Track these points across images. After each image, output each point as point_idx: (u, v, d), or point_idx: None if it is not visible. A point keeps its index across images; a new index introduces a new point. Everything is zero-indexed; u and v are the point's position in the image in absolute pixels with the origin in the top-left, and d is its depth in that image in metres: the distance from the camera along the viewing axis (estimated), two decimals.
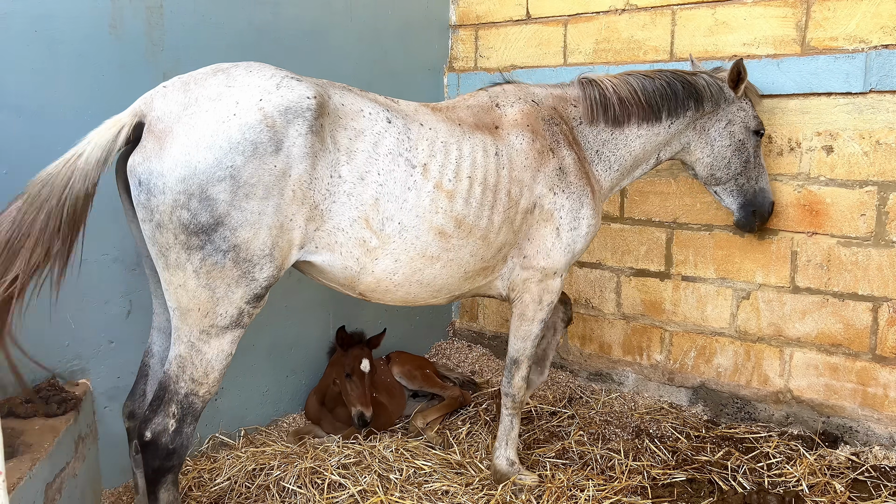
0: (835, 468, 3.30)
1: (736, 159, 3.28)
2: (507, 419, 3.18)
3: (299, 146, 2.25)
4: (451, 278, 2.74)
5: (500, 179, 2.75)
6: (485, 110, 2.90)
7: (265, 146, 2.18)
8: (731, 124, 3.26)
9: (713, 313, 3.89)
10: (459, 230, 2.65)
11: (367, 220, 2.43)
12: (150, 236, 2.17)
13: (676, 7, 3.79)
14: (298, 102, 2.26)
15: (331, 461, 3.29)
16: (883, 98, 3.27)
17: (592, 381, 4.38)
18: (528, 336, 3.08)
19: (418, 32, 4.51)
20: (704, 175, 3.36)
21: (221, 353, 2.28)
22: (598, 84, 3.07)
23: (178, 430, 2.24)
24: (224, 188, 2.13)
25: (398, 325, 4.50)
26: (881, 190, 3.34)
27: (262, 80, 2.26)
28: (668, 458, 3.42)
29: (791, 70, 3.46)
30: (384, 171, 2.45)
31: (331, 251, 2.43)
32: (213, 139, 2.12)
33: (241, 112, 2.16)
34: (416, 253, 2.58)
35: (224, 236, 2.15)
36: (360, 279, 2.55)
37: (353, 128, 2.41)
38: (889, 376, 3.41)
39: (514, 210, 2.80)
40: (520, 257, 2.93)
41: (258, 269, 2.25)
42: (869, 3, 3.26)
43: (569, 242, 2.94)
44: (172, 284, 2.20)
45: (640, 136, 3.14)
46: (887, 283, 3.37)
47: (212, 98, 2.17)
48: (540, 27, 4.31)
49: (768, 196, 3.43)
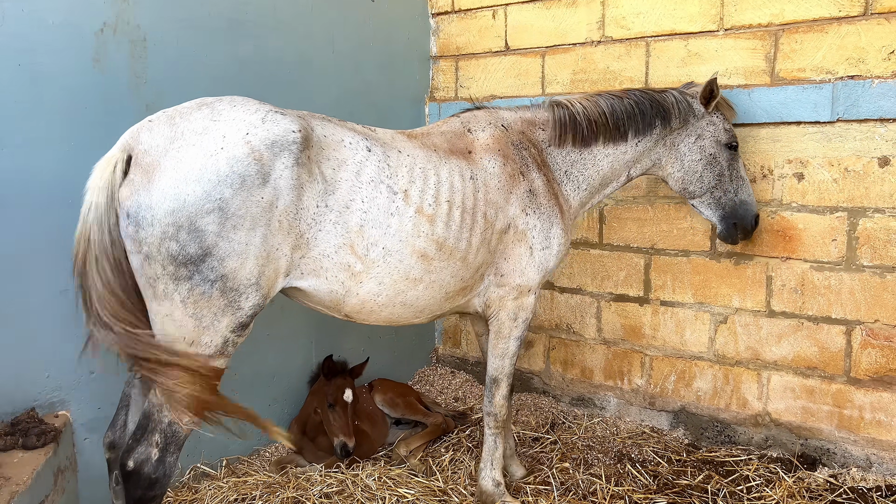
0: (813, 490, 3.34)
1: (708, 173, 3.33)
2: (491, 439, 3.20)
3: (286, 178, 2.30)
4: (433, 299, 2.81)
5: (476, 202, 2.84)
6: (458, 136, 3.00)
7: (253, 179, 2.22)
8: (701, 139, 3.31)
9: (692, 337, 3.94)
10: (440, 253, 2.72)
11: (352, 247, 2.49)
12: (138, 268, 2.19)
13: (650, 39, 3.90)
14: (284, 136, 2.31)
15: (313, 490, 3.28)
16: (850, 127, 3.37)
17: (575, 406, 4.40)
18: (505, 353, 3.13)
19: (400, 64, 4.59)
20: (678, 189, 3.41)
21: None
22: (566, 106, 3.17)
23: (160, 460, 2.24)
24: (213, 220, 2.17)
25: (381, 352, 4.51)
26: (851, 216, 3.43)
27: (247, 114, 2.30)
28: (650, 482, 3.44)
29: (762, 100, 3.56)
30: (367, 198, 2.51)
31: (316, 276, 2.48)
32: (202, 172, 2.16)
33: (229, 146, 2.20)
34: (399, 276, 2.63)
35: (212, 266, 2.19)
36: (346, 301, 2.60)
37: (336, 158, 2.47)
38: (864, 398, 3.46)
39: (490, 231, 2.88)
40: (496, 276, 3.00)
41: (244, 298, 2.28)
42: (834, 36, 3.38)
43: (541, 261, 3.03)
44: (159, 314, 2.22)
45: (607, 156, 3.23)
46: (859, 307, 3.44)
47: (198, 132, 2.21)
48: (519, 58, 4.40)
49: (751, 209, 3.41)
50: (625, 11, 3.96)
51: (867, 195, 3.38)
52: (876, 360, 3.42)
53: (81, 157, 2.40)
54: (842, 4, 3.34)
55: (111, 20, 3.05)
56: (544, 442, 3.96)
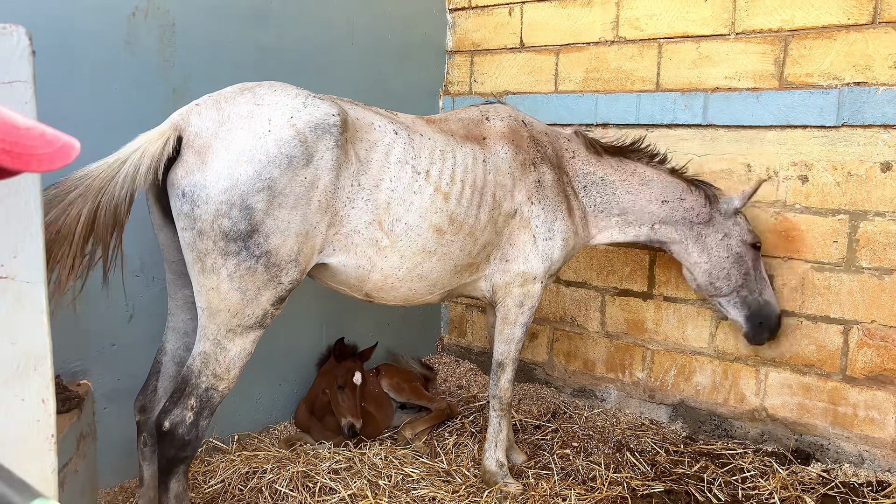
0: (806, 483, 3.45)
1: (735, 271, 3.44)
2: (496, 421, 3.32)
3: (327, 159, 2.43)
4: (444, 271, 2.95)
5: (486, 183, 3.00)
6: (475, 123, 3.18)
7: (298, 159, 2.36)
8: (728, 237, 3.44)
9: (693, 333, 4.05)
10: (452, 227, 2.88)
11: (380, 223, 2.64)
12: (190, 243, 2.32)
13: (663, 41, 3.99)
14: (325, 119, 2.44)
15: (322, 466, 3.39)
16: (854, 132, 3.47)
17: (576, 396, 4.51)
18: (511, 339, 3.26)
19: (416, 57, 4.69)
20: (704, 282, 3.49)
21: (243, 352, 2.45)
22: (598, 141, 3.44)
23: (194, 423, 2.38)
24: (262, 198, 2.31)
25: (388, 338, 4.62)
26: (852, 218, 3.53)
27: (289, 98, 2.43)
28: (648, 470, 3.55)
29: (770, 103, 3.66)
30: (395, 177, 2.67)
31: (346, 252, 2.62)
32: (253, 153, 2.30)
33: (275, 128, 2.34)
34: (417, 248, 2.79)
35: (258, 243, 2.32)
36: (370, 277, 2.75)
37: (368, 140, 2.61)
38: (858, 396, 3.57)
39: (497, 211, 3.04)
40: (502, 261, 3.14)
41: (284, 273, 2.41)
42: (842, 43, 3.47)
43: (544, 250, 3.16)
44: (206, 287, 2.35)
45: (628, 192, 3.38)
46: (857, 308, 3.54)
47: (244, 115, 2.34)
48: (533, 55, 4.50)
49: (775, 309, 3.50)
50: (638, 13, 4.06)
51: (869, 199, 3.47)
52: (871, 360, 3.52)
53: (111, 136, 2.50)
54: (850, 13, 3.43)
55: (143, 4, 3.15)
56: (545, 430, 4.06)
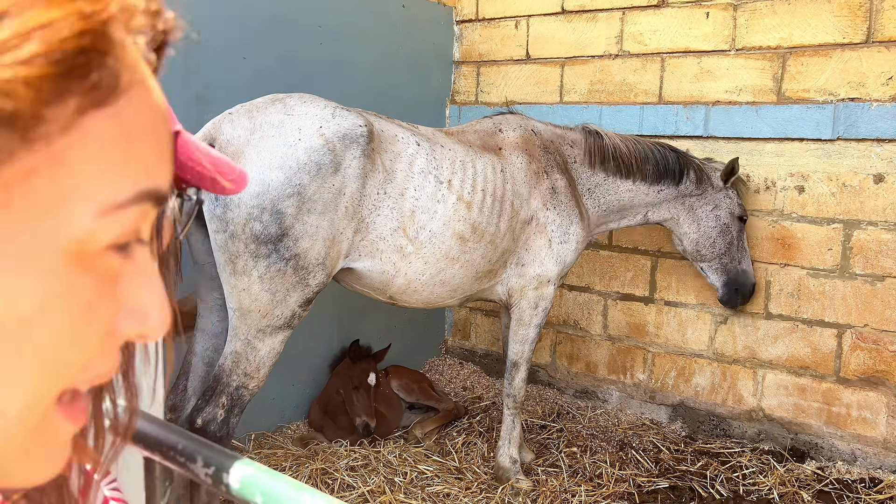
0: (802, 480, 3.61)
1: (720, 240, 3.66)
2: (509, 419, 3.45)
3: (354, 168, 2.54)
4: (466, 277, 3.08)
5: (505, 192, 3.13)
6: (489, 134, 3.31)
7: (327, 167, 2.47)
8: (718, 209, 3.65)
9: (693, 336, 4.20)
10: (475, 234, 3.01)
11: (404, 230, 2.75)
12: (222, 245, 2.42)
13: (665, 55, 4.16)
14: (353, 130, 2.55)
15: (340, 463, 3.50)
16: (849, 145, 3.65)
17: (578, 398, 4.65)
18: (525, 340, 3.39)
19: (424, 67, 4.82)
20: (691, 249, 3.72)
21: (272, 351, 2.54)
22: (600, 136, 3.47)
23: (225, 420, 2.47)
24: (291, 203, 2.41)
25: (395, 341, 4.72)
26: (846, 227, 3.70)
27: (318, 108, 2.55)
28: (652, 467, 3.70)
29: (768, 117, 3.83)
30: (418, 186, 2.79)
31: (372, 258, 2.74)
32: (284, 160, 2.40)
33: (306, 137, 2.45)
34: (441, 255, 2.91)
35: (288, 246, 2.43)
36: (394, 282, 2.86)
37: (392, 150, 2.73)
38: (851, 397, 3.74)
39: (515, 219, 3.17)
40: (518, 265, 3.28)
41: (312, 276, 2.52)
42: (837, 61, 3.65)
43: (559, 253, 3.30)
44: (237, 288, 2.45)
45: (629, 191, 3.55)
46: (851, 312, 3.71)
47: (275, 125, 2.45)
48: (538, 67, 4.65)
49: (750, 277, 3.76)
50: (642, 28, 4.22)
51: (862, 209, 3.65)
52: (864, 362, 3.69)
53: None
54: (845, 32, 3.62)
55: None
56: (550, 430, 4.20)
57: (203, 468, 0.68)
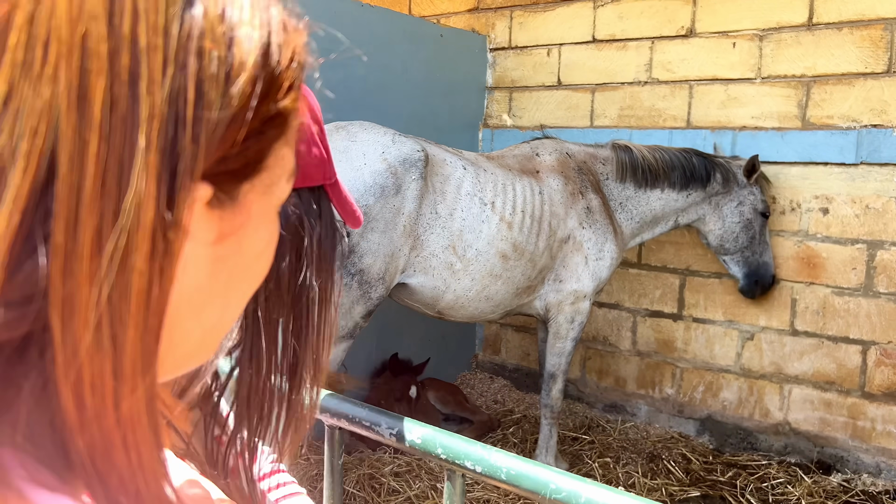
0: (829, 492, 3.74)
1: (744, 235, 3.84)
2: (546, 428, 3.62)
3: (413, 189, 2.75)
4: (507, 293, 3.28)
5: (543, 213, 3.33)
6: (527, 158, 3.51)
7: (389, 189, 2.67)
8: (742, 205, 3.83)
9: (720, 352, 4.36)
10: (516, 253, 3.20)
11: (454, 248, 2.96)
12: None
13: (693, 82, 4.36)
14: (412, 154, 2.76)
15: (385, 469, 3.67)
16: (872, 169, 3.82)
17: (608, 412, 4.80)
18: (562, 353, 3.57)
19: (459, 92, 5.05)
20: (715, 244, 3.91)
21: (335, 360, 2.73)
22: (629, 150, 3.64)
23: None
24: None
25: (429, 355, 4.90)
26: (870, 248, 3.86)
27: (378, 135, 2.76)
28: (683, 477, 3.84)
29: (793, 142, 4.01)
30: (465, 207, 2.99)
31: (425, 273, 2.94)
32: (352, 183, 2.61)
33: (370, 162, 2.66)
34: (486, 272, 3.11)
35: (354, 262, 2.63)
36: (443, 297, 3.06)
37: (443, 174, 2.94)
38: (876, 411, 3.87)
39: (553, 238, 3.36)
40: (556, 281, 3.46)
41: (374, 289, 2.72)
42: (860, 89, 3.83)
43: (595, 270, 3.49)
44: None
45: (660, 199, 3.73)
46: (875, 329, 3.86)
47: (340, 150, 2.66)
48: (570, 93, 4.86)
49: (771, 269, 3.95)
50: (671, 56, 4.43)
51: (885, 230, 3.81)
52: (888, 378, 3.83)
53: None
54: (867, 62, 3.80)
55: None
56: (582, 441, 4.35)
57: (387, 430, 0.86)
